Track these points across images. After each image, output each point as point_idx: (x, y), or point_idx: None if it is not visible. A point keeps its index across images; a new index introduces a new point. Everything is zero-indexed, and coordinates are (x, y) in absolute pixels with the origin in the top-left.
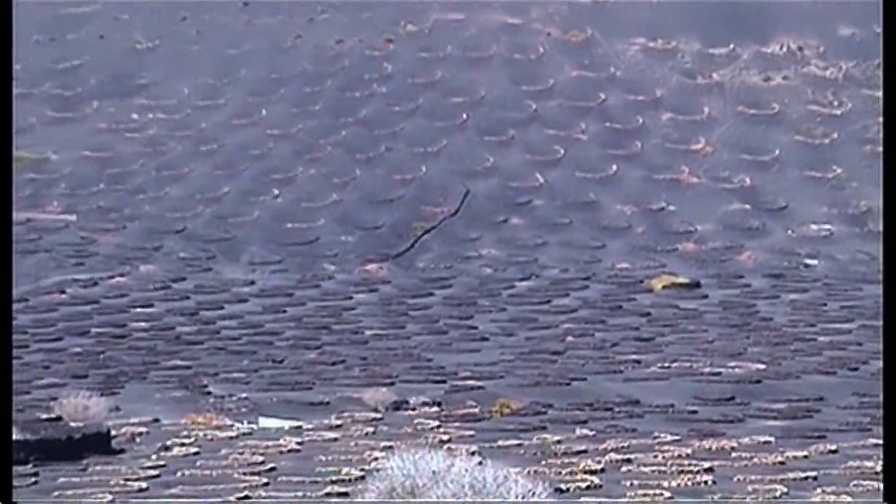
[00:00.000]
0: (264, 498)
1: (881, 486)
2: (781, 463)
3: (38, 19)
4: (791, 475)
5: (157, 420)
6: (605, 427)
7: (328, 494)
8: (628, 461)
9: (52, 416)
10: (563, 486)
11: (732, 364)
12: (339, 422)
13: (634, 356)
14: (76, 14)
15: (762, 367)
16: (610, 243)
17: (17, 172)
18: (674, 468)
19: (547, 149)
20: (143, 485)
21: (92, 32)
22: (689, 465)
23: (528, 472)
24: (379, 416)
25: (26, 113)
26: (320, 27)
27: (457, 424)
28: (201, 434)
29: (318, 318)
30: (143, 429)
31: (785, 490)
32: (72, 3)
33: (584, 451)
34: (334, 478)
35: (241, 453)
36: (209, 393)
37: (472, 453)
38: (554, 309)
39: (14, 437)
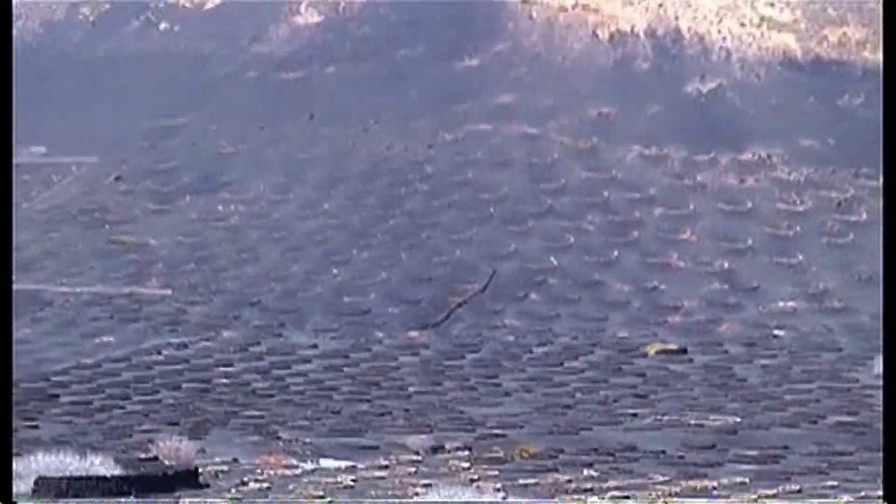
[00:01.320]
0: None
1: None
2: (755, 500)
3: (140, 128)
4: None
5: (236, 460)
6: (608, 469)
7: None
8: (626, 497)
9: (150, 456)
10: None
11: (713, 417)
12: (386, 462)
13: (632, 410)
14: (174, 125)
15: (738, 420)
16: (612, 316)
17: (121, 254)
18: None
19: (559, 237)
20: None
21: (186, 140)
22: (678, 501)
23: None
24: (419, 458)
25: (131, 205)
26: (372, 135)
27: (484, 466)
28: (272, 472)
29: (369, 376)
30: (225, 467)
31: None
32: (170, 116)
33: (591, 489)
34: None
35: (305, 488)
36: (279, 438)
37: (497, 490)
38: (565, 370)
39: (116, 473)
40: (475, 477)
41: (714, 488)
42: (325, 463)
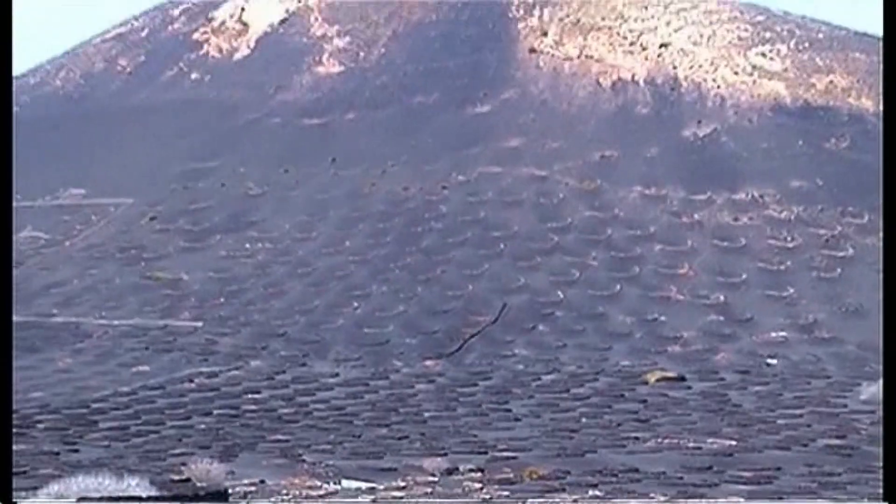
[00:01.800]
0: None
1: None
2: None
3: (173, 172)
4: None
5: (263, 481)
6: (612, 489)
7: None
8: None
9: (183, 477)
10: None
11: (710, 440)
12: (403, 484)
13: (634, 434)
14: (205, 168)
15: (733, 443)
16: (615, 346)
17: (156, 289)
18: None
19: (566, 272)
20: None
21: (216, 182)
22: None
23: None
24: (435, 479)
25: (165, 243)
26: (390, 177)
27: (496, 486)
28: (297, 492)
29: (387, 402)
30: (253, 488)
31: None
32: (200, 160)
33: None
34: None
35: None
36: (303, 460)
37: None
38: (571, 396)
39: (151, 493)
40: (487, 497)
41: None
42: (347, 484)
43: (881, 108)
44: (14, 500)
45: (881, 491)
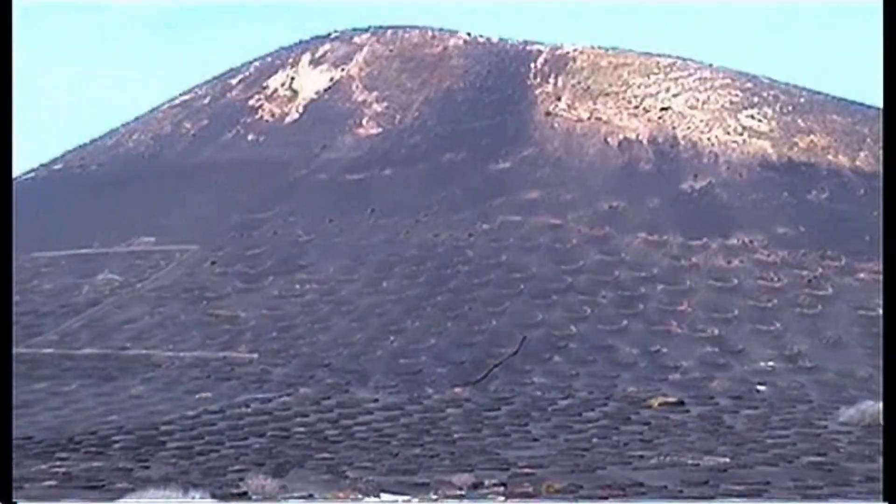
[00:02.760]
0: None
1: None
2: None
3: (231, 222)
4: None
5: (311, 495)
6: (619, 502)
7: None
8: None
9: (240, 491)
10: None
11: (707, 458)
12: (435, 497)
13: (639, 452)
14: (259, 218)
15: (727, 460)
16: (622, 374)
17: (216, 325)
18: None
19: (578, 309)
20: None
21: (269, 230)
22: None
23: None
24: (463, 493)
25: (225, 284)
26: (423, 225)
27: (517, 499)
28: None
29: (421, 425)
30: (302, 501)
31: None
32: (255, 211)
33: None
34: None
35: None
36: (347, 476)
37: None
38: (583, 419)
39: None
40: None
41: None
42: (385, 497)
43: (882, 113)
44: (14, 500)
45: (869, 491)
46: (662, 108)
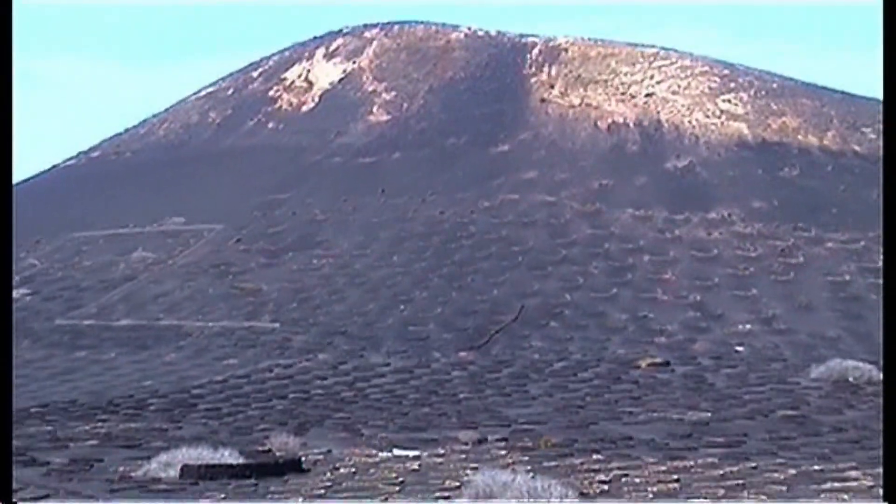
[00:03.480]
0: (399, 499)
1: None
2: (722, 475)
3: (254, 203)
4: (728, 482)
5: (329, 451)
6: (611, 454)
7: (437, 498)
8: (626, 475)
9: (265, 448)
10: (584, 491)
11: (690, 413)
12: (443, 451)
13: (629, 409)
14: (279, 199)
15: (709, 415)
16: (612, 338)
17: (241, 297)
18: (654, 479)
19: (572, 279)
20: (322, 491)
21: (288, 210)
22: (664, 476)
23: (562, 483)
24: (468, 448)
25: (248, 260)
26: (429, 204)
27: (518, 453)
28: (357, 460)
29: (429, 386)
30: (321, 457)
31: (723, 491)
32: (275, 192)
33: (597, 469)
34: (441, 487)
35: (383, 472)
36: (362, 434)
37: (528, 471)
38: (577, 379)
39: (240, 461)
40: (510, 461)
41: (691, 467)
42: (397, 452)
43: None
44: (14, 500)
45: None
46: (647, 94)
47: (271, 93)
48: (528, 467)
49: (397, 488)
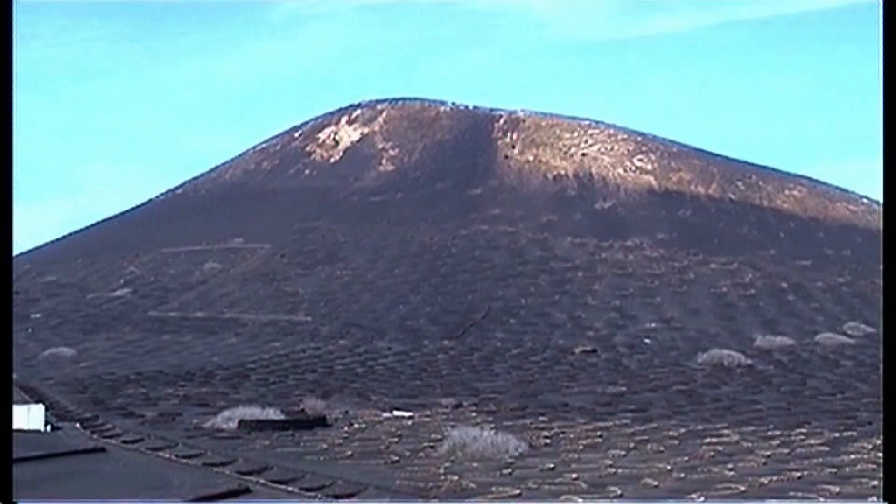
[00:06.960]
0: (402, 447)
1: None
2: (633, 433)
3: (293, 228)
4: (638, 438)
5: (347, 411)
6: (553, 416)
7: (424, 447)
8: (563, 432)
9: (300, 409)
10: (533, 444)
11: (610, 387)
12: (429, 413)
13: (566, 384)
14: (312, 226)
15: (624, 388)
16: (555, 332)
17: (283, 298)
18: (584, 435)
19: (525, 288)
20: (340, 441)
21: (318, 235)
22: (591, 434)
23: (517, 437)
24: (448, 411)
25: (289, 270)
26: (422, 232)
27: (485, 415)
28: (368, 418)
29: (421, 365)
30: (341, 415)
31: (633, 444)
32: (309, 221)
33: (543, 428)
34: (428, 438)
35: (386, 427)
36: (370, 399)
37: (492, 428)
38: (529, 362)
39: (282, 418)
40: (479, 421)
41: (611, 426)
42: (396, 413)
43: (881, 122)
44: (14, 500)
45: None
46: (582, 154)
47: (308, 148)
48: (492, 425)
49: (396, 439)
